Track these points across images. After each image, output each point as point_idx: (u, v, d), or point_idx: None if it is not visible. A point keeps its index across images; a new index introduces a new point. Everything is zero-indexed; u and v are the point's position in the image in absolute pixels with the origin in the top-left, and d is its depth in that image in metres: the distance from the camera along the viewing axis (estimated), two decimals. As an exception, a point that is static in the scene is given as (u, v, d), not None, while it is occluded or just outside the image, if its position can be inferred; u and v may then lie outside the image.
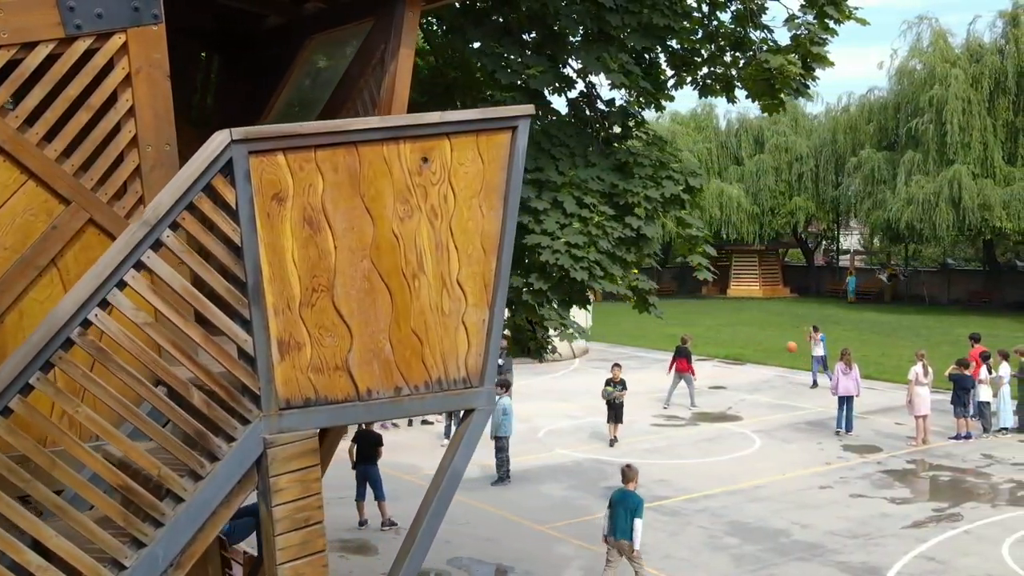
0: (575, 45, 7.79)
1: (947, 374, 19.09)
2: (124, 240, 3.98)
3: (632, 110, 7.94)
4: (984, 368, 19.01)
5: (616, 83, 7.47)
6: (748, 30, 8.74)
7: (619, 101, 8.21)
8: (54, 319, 3.85)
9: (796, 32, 8.18)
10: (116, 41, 5.03)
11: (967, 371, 18.86)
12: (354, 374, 4.57)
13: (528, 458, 17.80)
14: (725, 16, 8.91)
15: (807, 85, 8.35)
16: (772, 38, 8.55)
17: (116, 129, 5.06)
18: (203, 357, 4.21)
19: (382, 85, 5.96)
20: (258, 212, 4.28)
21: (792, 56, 7.93)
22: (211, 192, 4.19)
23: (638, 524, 10.69)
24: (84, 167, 5.03)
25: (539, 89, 7.50)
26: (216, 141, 4.16)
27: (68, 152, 4.97)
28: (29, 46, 4.81)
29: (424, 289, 4.75)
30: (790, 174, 50.56)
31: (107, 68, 5.04)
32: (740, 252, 53.46)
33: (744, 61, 8.44)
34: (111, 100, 5.05)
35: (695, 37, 9.08)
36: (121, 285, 3.97)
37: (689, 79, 9.30)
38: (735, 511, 14.45)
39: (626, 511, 10.77)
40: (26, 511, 3.85)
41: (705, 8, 8.91)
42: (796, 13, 8.22)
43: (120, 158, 5.09)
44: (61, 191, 4.93)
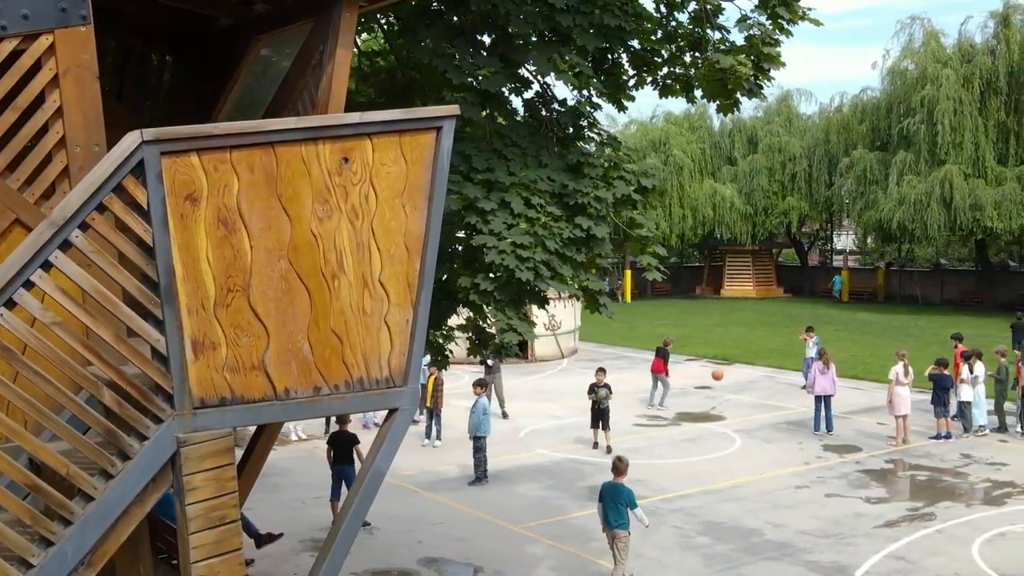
0: (527, 46, 7.81)
1: (927, 374, 19.10)
2: (31, 240, 4.01)
3: (583, 110, 7.95)
4: (965, 368, 19.02)
5: (565, 83, 7.49)
6: (707, 31, 8.75)
7: (571, 102, 8.23)
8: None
9: (749, 33, 8.20)
10: (43, 42, 5.05)
11: (946, 371, 18.89)
12: (271, 374, 4.59)
13: (508, 458, 17.83)
14: (683, 17, 8.93)
15: (760, 85, 8.37)
16: (729, 39, 8.57)
17: (44, 130, 5.08)
18: (116, 357, 4.23)
19: (320, 85, 5.98)
20: (171, 213, 4.30)
21: (742, 57, 7.95)
22: (122, 193, 4.20)
23: (639, 513, 11.23)
24: (11, 167, 5.05)
25: (490, 90, 7.51)
26: (127, 142, 4.18)
27: (-5, 153, 4.99)
28: (-46, 47, 4.84)
29: (344, 289, 4.77)
30: (783, 174, 50.61)
31: (34, 69, 5.06)
32: (734, 252, 53.53)
33: (700, 61, 8.45)
34: (38, 101, 5.07)
35: (655, 37, 9.10)
36: (28, 285, 3.99)
37: (649, 79, 9.31)
38: (709, 511, 14.47)
39: (617, 503, 11.17)
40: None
41: (664, 9, 8.94)
42: (748, 14, 8.25)
43: (48, 158, 5.11)
44: (-13, 191, 4.96)
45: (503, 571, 12.07)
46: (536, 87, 8.36)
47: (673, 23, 8.99)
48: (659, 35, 9.06)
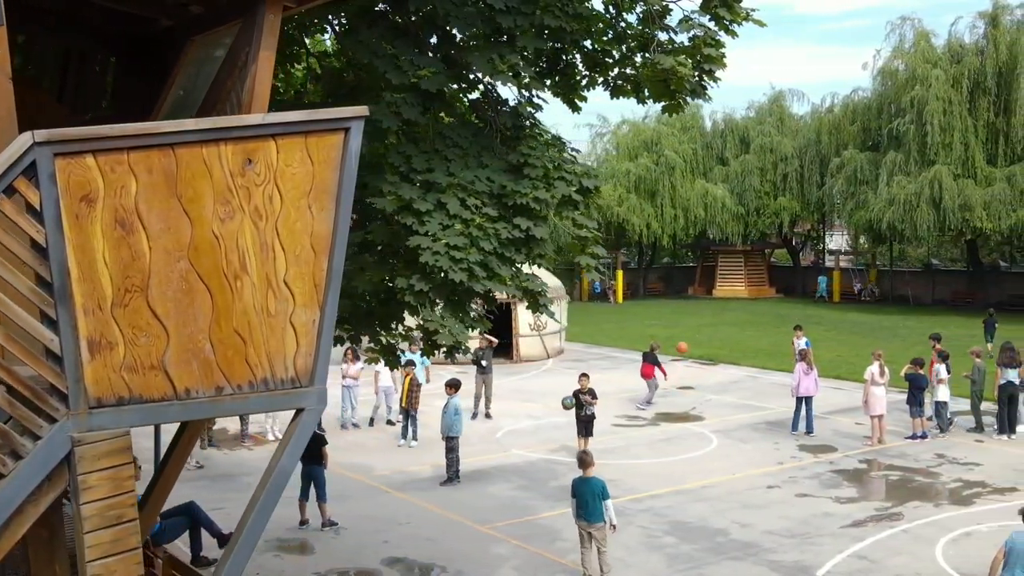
0: (471, 47, 7.83)
1: (903, 373, 19.11)
2: (-82, 240, 4.03)
3: (523, 111, 7.96)
4: (943, 368, 19.03)
5: (504, 83, 7.51)
6: (656, 32, 8.77)
7: (512, 102, 8.24)
8: None
9: (692, 34, 8.21)
10: (-47, 43, 5.08)
11: (922, 370, 18.90)
12: (171, 373, 4.61)
13: (483, 458, 17.85)
14: (632, 18, 8.94)
15: (704, 86, 8.39)
16: (677, 40, 8.58)
17: (-46, 131, 5.09)
18: (7, 357, 4.25)
19: (244, 87, 6.00)
20: (65, 213, 4.32)
21: (683, 57, 7.96)
22: (14, 194, 4.22)
23: (609, 505, 11.38)
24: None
25: (430, 90, 7.53)
26: (18, 143, 4.20)
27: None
28: None
29: (248, 289, 4.79)
30: (775, 174, 50.61)
31: (-55, 70, 5.08)
32: (726, 253, 53.55)
33: (647, 62, 8.46)
34: (-51, 102, 5.09)
35: (606, 38, 9.11)
36: (-86, 285, 4.02)
37: (601, 80, 9.33)
38: (678, 511, 14.49)
39: (592, 495, 11.31)
40: None
41: (613, 10, 8.95)
42: (690, 15, 8.26)
43: (-42, 159, 5.12)
44: None
45: (465, 571, 12.08)
46: (482, 88, 8.38)
47: (623, 24, 9.00)
48: (610, 36, 9.06)
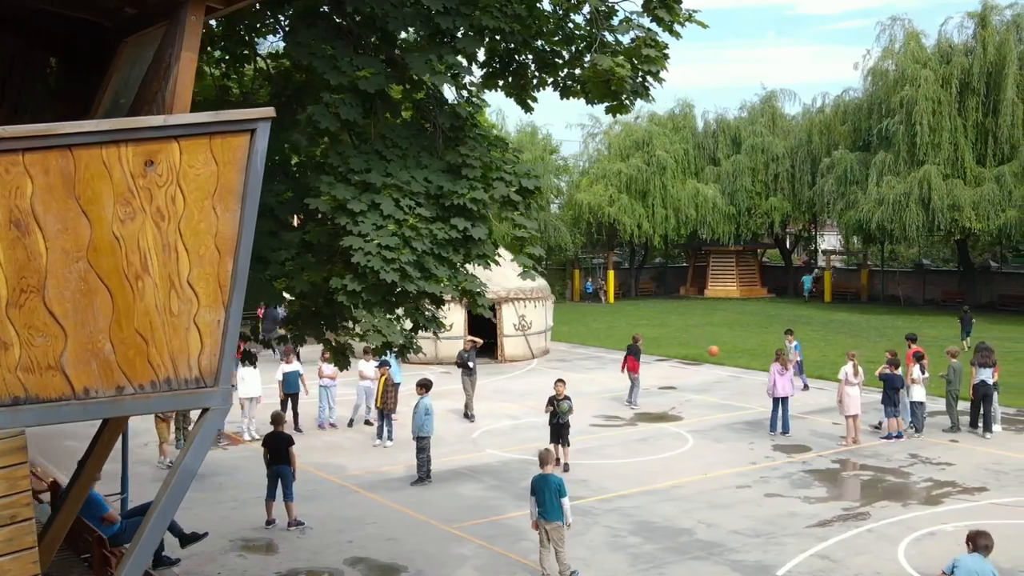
0: (409, 47, 7.84)
1: (877, 373, 19.14)
2: None
3: (462, 111, 7.98)
4: (917, 368, 19.06)
5: (440, 84, 7.52)
6: (603, 33, 8.79)
7: (452, 102, 8.25)
8: None
9: (633, 35, 8.23)
10: None
11: (898, 370, 18.91)
12: (69, 373, 4.63)
13: (457, 458, 17.88)
14: (580, 19, 8.97)
15: (648, 87, 8.41)
16: (622, 41, 8.59)
17: None
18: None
19: (166, 88, 6.02)
20: (-42, 214, 4.34)
21: (621, 59, 7.98)
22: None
23: (566, 503, 11.43)
24: None
25: (368, 91, 7.55)
26: (-93, 145, 4.22)
27: None
28: None
29: (149, 290, 4.81)
30: (766, 174, 50.66)
31: None
32: (718, 253, 53.61)
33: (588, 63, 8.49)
34: None
35: (556, 39, 9.14)
36: None
37: (551, 80, 9.35)
38: (646, 511, 14.50)
39: (550, 493, 11.39)
40: None
41: (560, 11, 8.97)
42: (630, 16, 8.29)
43: None
44: None
45: (426, 571, 12.10)
46: (426, 89, 8.40)
47: (571, 25, 9.03)
48: (558, 37, 9.09)
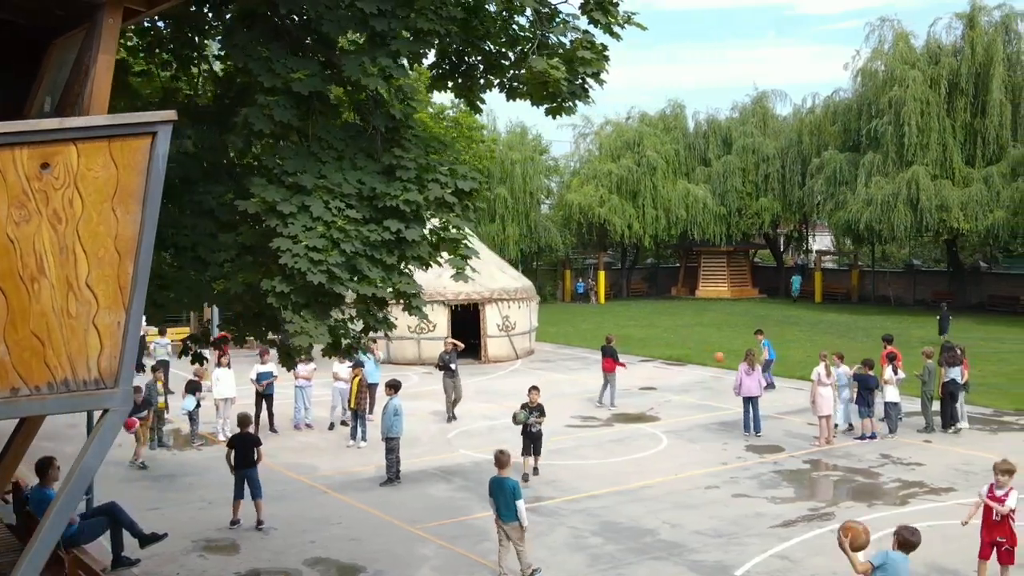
0: (345, 49, 7.87)
1: (851, 374, 19.16)
2: None
3: (396, 113, 7.99)
4: (889, 369, 19.08)
5: (371, 87, 7.55)
6: (548, 35, 8.81)
7: (389, 104, 8.27)
8: None
9: (570, 37, 8.26)
10: None
11: (872, 371, 18.94)
12: (-39, 375, 4.66)
13: (430, 458, 17.91)
14: (524, 20, 8.99)
15: (586, 89, 8.44)
16: (564, 43, 8.62)
17: None
18: None
19: (85, 91, 6.05)
20: None
21: (556, 60, 8.01)
22: None
23: (520, 505, 11.50)
24: None
25: (302, 92, 7.58)
26: None
27: None
28: None
29: (46, 292, 4.84)
30: (757, 175, 50.72)
31: None
32: (709, 253, 53.65)
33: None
34: None
35: (502, 40, 9.17)
36: None
37: (497, 82, 9.38)
38: (613, 511, 14.51)
39: (506, 496, 11.50)
40: None
41: (505, 13, 8.99)
42: (567, 18, 8.32)
43: None
44: None
45: (385, 571, 12.12)
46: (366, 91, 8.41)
47: (515, 26, 9.05)
48: (503, 39, 9.11)
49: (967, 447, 18.21)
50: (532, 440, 16.20)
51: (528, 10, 8.76)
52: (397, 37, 7.73)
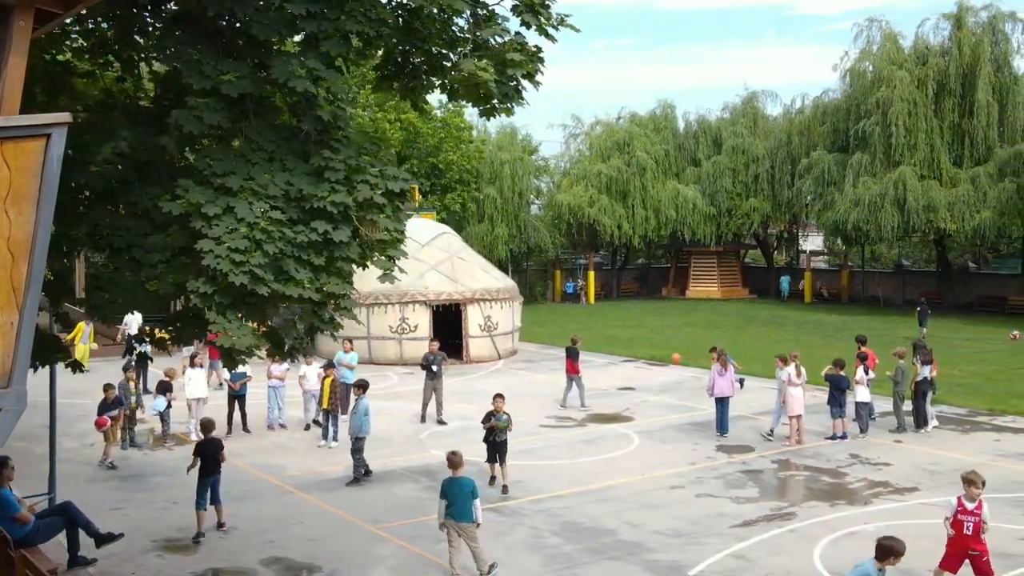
0: (276, 51, 7.91)
1: (823, 374, 19.21)
2: None
3: (324, 115, 8.03)
4: (860, 369, 19.12)
5: (300, 89, 7.59)
6: (488, 37, 8.85)
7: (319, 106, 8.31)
8: None
9: (502, 39, 8.30)
10: None
11: (843, 371, 18.98)
12: None
13: (400, 458, 17.95)
14: (462, 22, 9.03)
15: (519, 91, 8.48)
16: (498, 44, 8.66)
17: None
18: None
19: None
20: None
21: (484, 62, 8.05)
22: None
23: (478, 503, 11.65)
24: None
25: (231, 95, 7.62)
26: None
27: None
28: None
29: (-65, 293, 4.87)
30: (746, 175, 50.76)
31: None
32: (699, 253, 53.67)
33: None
34: None
35: (441, 41, 9.22)
36: None
37: (439, 83, 9.43)
38: (575, 512, 14.53)
39: (463, 495, 11.54)
40: None
41: (444, 15, 9.04)
42: (500, 20, 8.35)
43: None
44: None
45: (340, 571, 12.15)
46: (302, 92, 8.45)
47: (454, 28, 9.09)
48: (444, 40, 9.16)
49: (936, 447, 18.23)
50: (496, 449, 15.78)
51: (466, 12, 8.79)
52: (328, 39, 7.76)
